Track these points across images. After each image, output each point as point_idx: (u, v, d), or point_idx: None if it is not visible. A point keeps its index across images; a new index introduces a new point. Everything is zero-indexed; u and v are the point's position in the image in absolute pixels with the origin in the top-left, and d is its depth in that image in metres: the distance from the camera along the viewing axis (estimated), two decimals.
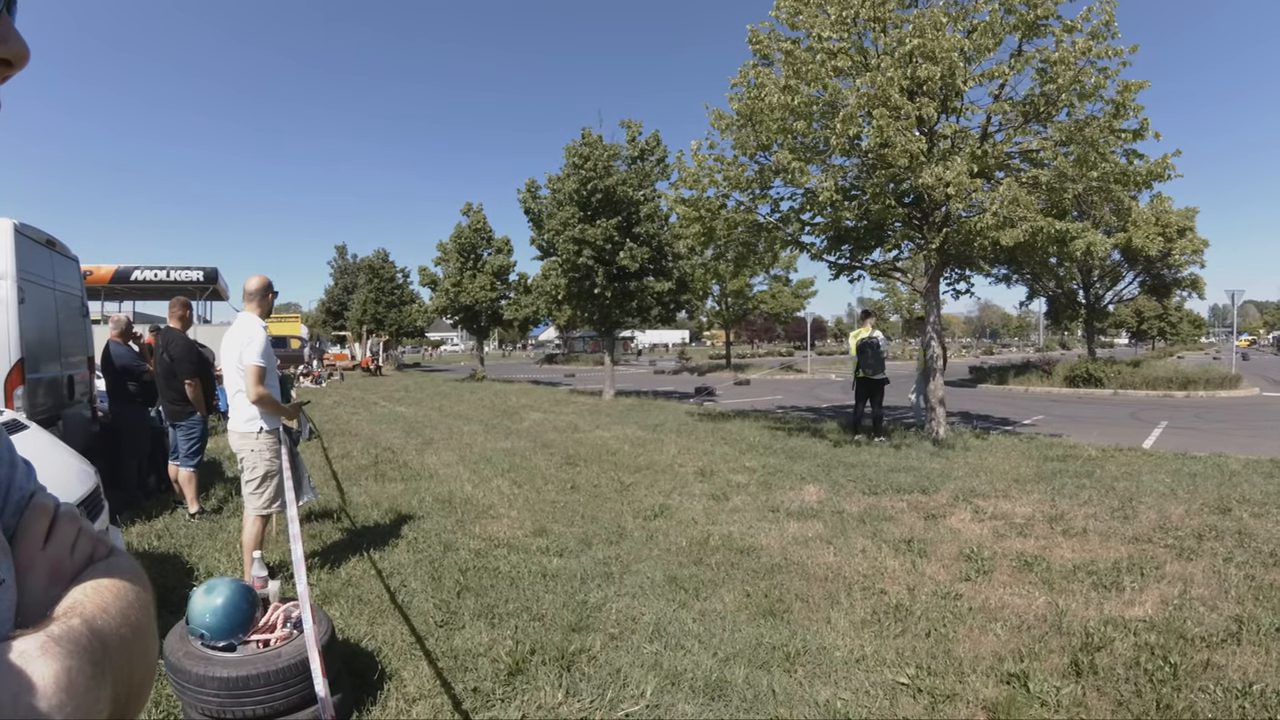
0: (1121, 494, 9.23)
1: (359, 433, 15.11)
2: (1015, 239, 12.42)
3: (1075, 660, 4.59)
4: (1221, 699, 4.14)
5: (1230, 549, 6.96)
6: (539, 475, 10.39)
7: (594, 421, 16.77)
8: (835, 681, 4.30)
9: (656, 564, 6.35)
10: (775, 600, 5.52)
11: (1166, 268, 36.15)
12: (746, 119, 13.82)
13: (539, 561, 6.40)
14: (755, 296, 54.21)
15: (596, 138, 23.91)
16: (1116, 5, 12.38)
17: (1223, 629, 5.08)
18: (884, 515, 8.14)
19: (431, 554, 6.61)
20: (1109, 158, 12.69)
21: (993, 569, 6.35)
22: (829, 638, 4.88)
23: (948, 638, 4.93)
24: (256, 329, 5.65)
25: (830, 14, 13.06)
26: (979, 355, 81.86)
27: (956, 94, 12.99)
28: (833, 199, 13.20)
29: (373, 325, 50.07)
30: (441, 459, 11.88)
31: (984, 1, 12.79)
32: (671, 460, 11.58)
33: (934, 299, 14.81)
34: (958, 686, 4.28)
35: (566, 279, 24.11)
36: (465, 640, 4.76)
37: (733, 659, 4.54)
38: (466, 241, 36.84)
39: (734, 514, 8.23)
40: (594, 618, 5.15)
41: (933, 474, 10.44)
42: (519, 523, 7.81)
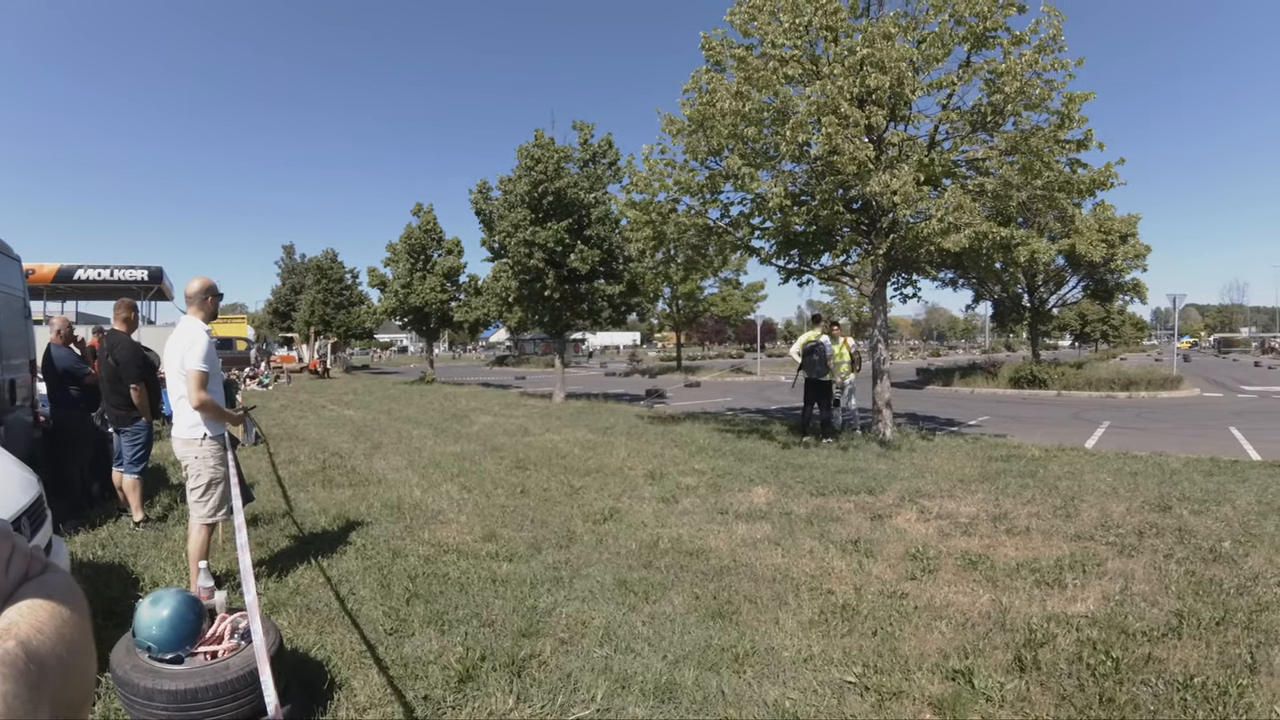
0: (1064, 493, 9.41)
1: (306, 437, 14.92)
2: (960, 245, 12.61)
3: (1019, 656, 4.67)
4: (1163, 691, 4.24)
5: (1171, 546, 7.13)
6: (488, 479, 10.33)
7: (544, 424, 16.72)
8: (783, 681, 4.34)
9: (606, 568, 6.35)
10: (724, 602, 5.55)
11: (1109, 273, 36.89)
12: (698, 124, 13.89)
13: (488, 567, 6.37)
14: (706, 299, 54.48)
15: (549, 140, 23.83)
16: (1064, 20, 12.66)
17: (1163, 623, 5.21)
18: (831, 516, 8.23)
19: (380, 561, 6.55)
20: (1053, 167, 12.96)
21: (938, 568, 6.45)
22: (777, 638, 4.92)
23: (894, 636, 4.99)
24: (199, 333, 5.54)
25: (783, 22, 13.22)
26: (926, 357, 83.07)
27: (905, 103, 13.19)
28: (782, 204, 13.32)
29: (321, 327, 49.34)
30: (390, 464, 11.77)
31: (934, 13, 13.01)
32: (621, 463, 11.59)
33: (881, 303, 15.00)
34: (904, 684, 4.34)
35: (517, 281, 23.98)
36: (415, 648, 4.73)
37: (682, 661, 4.56)
38: (416, 242, 36.50)
39: (683, 516, 8.26)
40: (544, 622, 5.14)
41: (879, 475, 10.55)
42: (468, 528, 7.77)
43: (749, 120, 13.05)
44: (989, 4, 12.50)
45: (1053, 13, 12.60)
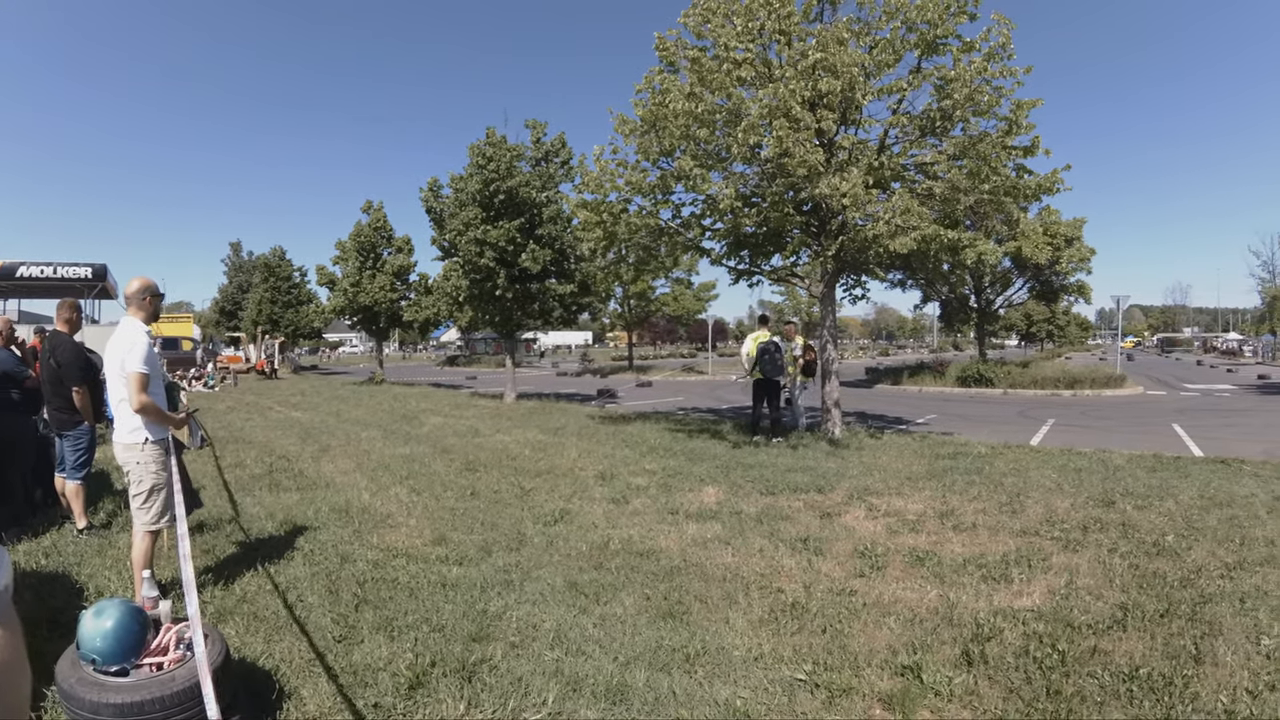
0: (1010, 489, 9.56)
1: (253, 440, 14.69)
2: (907, 247, 12.74)
3: (966, 651, 4.73)
4: (1109, 683, 4.32)
5: (1115, 540, 7.28)
6: (438, 482, 10.24)
7: (495, 425, 16.63)
8: (734, 680, 4.36)
9: (557, 570, 6.32)
10: (675, 602, 5.56)
11: (1055, 274, 37.55)
12: (650, 125, 13.90)
13: (438, 571, 6.31)
14: (658, 299, 54.44)
15: (501, 138, 23.62)
16: (1014, 28, 12.87)
17: (1108, 616, 5.31)
18: (781, 515, 8.28)
19: (328, 566, 6.45)
20: (1000, 172, 13.16)
21: (886, 565, 6.52)
22: (728, 637, 4.94)
23: (843, 633, 5.04)
24: (139, 334, 5.41)
25: (737, 25, 13.25)
26: (876, 356, 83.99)
27: (856, 107, 13.32)
28: (733, 206, 13.38)
29: (268, 326, 48.57)
30: (338, 466, 11.62)
31: (886, 19, 13.15)
32: (572, 464, 11.56)
33: (830, 304, 15.13)
34: (854, 680, 4.38)
35: (468, 280, 23.74)
36: (365, 655, 4.67)
37: (633, 662, 4.56)
38: (366, 240, 35.94)
39: (634, 517, 8.26)
40: (494, 626, 5.11)
41: (828, 473, 10.64)
42: (418, 531, 7.69)
43: (701, 121, 13.08)
44: (940, 11, 12.66)
45: (1002, 21, 12.81)
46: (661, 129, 13.66)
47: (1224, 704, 4.09)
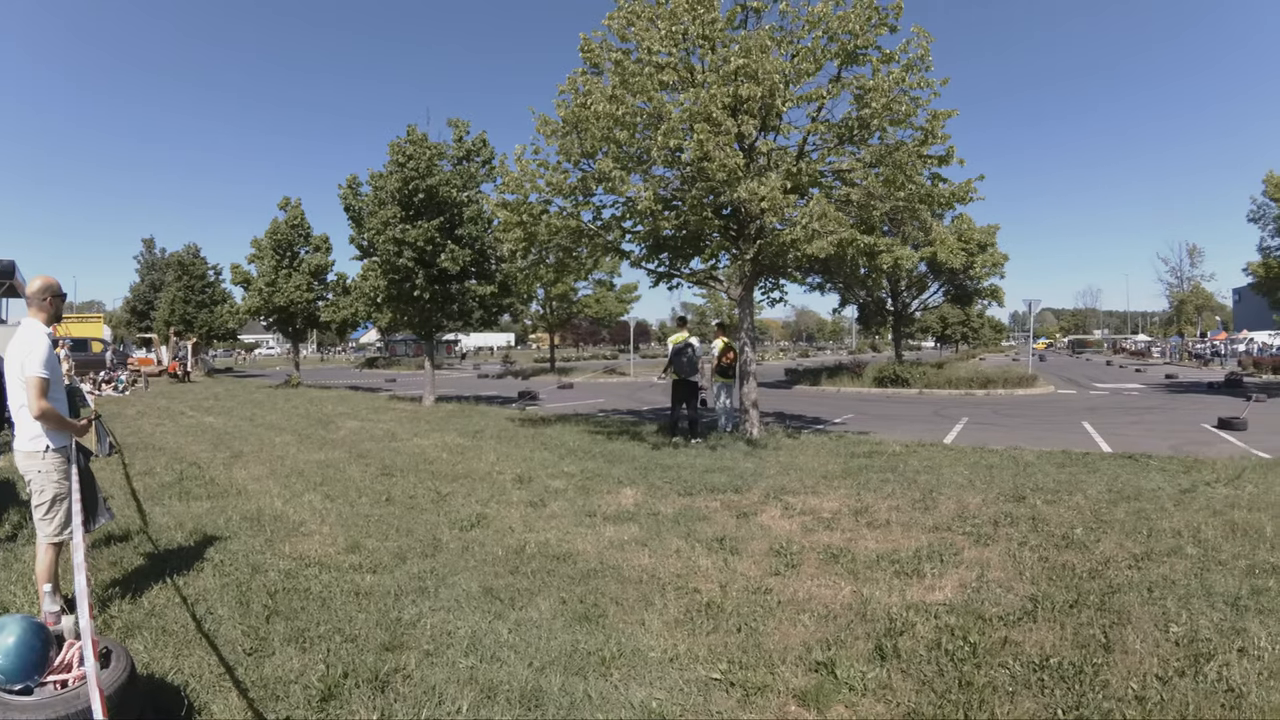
0: (923, 486, 9.74)
1: (163, 446, 14.25)
2: (823, 251, 12.94)
3: (879, 645, 4.80)
4: (1020, 673, 4.42)
5: (1025, 534, 7.46)
6: (353, 488, 10.04)
7: (413, 429, 16.40)
8: (650, 682, 4.35)
9: (472, 575, 6.24)
10: (591, 605, 5.52)
11: (969, 279, 38.43)
12: (572, 126, 13.86)
13: (351, 579, 6.16)
14: (580, 301, 54.29)
15: (422, 135, 23.31)
16: (933, 41, 13.16)
17: (1019, 608, 5.43)
18: (698, 515, 8.31)
19: (239, 577, 6.26)
20: (916, 180, 13.44)
21: (801, 562, 6.58)
22: (643, 639, 4.93)
23: (758, 631, 5.07)
24: (39, 336, 5.19)
25: (661, 29, 13.27)
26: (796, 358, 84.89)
27: (776, 114, 13.45)
28: (652, 208, 13.40)
29: (181, 327, 47.07)
30: (251, 473, 11.32)
31: (808, 28, 13.30)
32: (490, 468, 11.43)
33: (748, 306, 15.24)
34: (768, 678, 4.40)
35: (386, 280, 23.29)
36: (276, 667, 4.54)
37: (549, 667, 4.52)
38: (283, 238, 35.10)
39: (551, 520, 8.20)
40: (408, 635, 5.01)
41: (746, 473, 10.73)
42: (331, 539, 7.51)
43: (622, 124, 13.07)
44: (862, 23, 12.89)
45: (921, 34, 13.09)
46: (583, 130, 13.62)
47: (1134, 690, 4.21)
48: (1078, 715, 3.98)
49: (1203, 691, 4.19)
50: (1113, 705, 4.06)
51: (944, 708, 4.05)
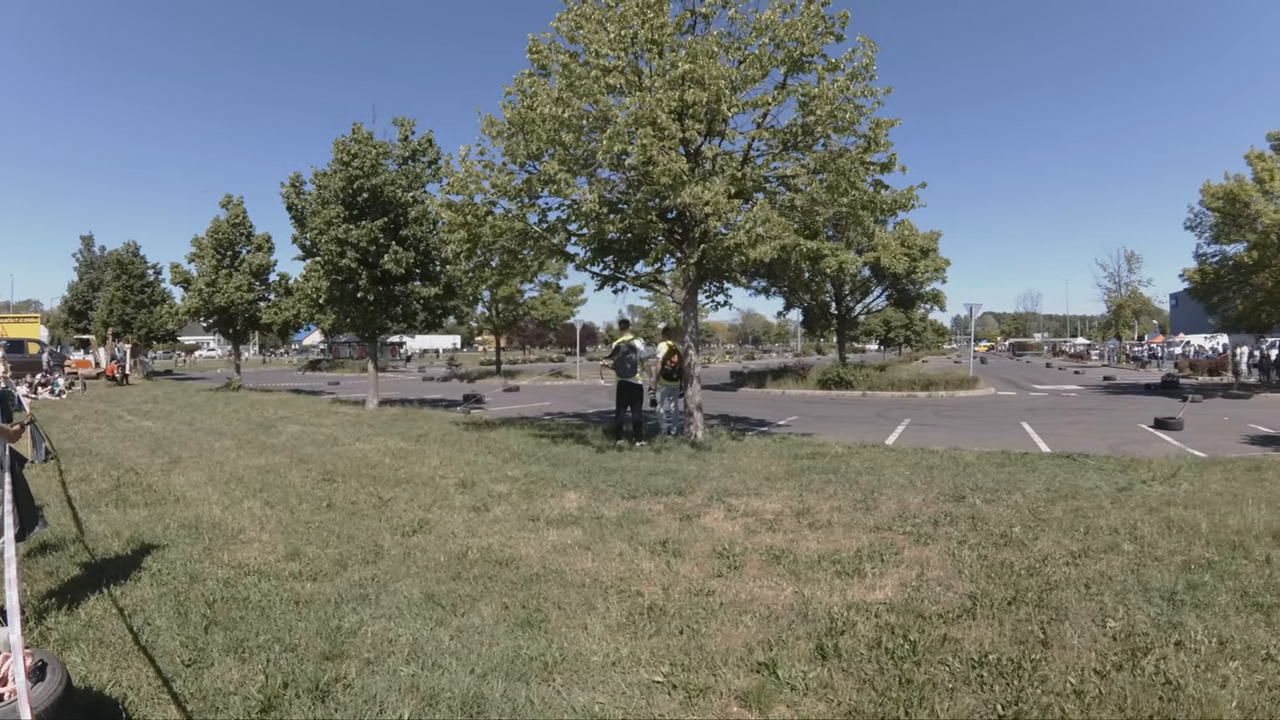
0: (864, 487, 9.83)
1: (100, 452, 13.91)
2: (765, 255, 13.06)
3: (821, 645, 4.83)
4: (960, 670, 4.48)
5: (964, 533, 7.57)
6: (293, 494, 9.85)
7: (355, 433, 16.19)
8: (592, 686, 4.34)
9: (414, 582, 6.16)
10: (533, 610, 5.49)
11: (911, 283, 39.08)
12: (518, 127, 13.81)
13: (291, 588, 6.05)
14: (526, 303, 54.01)
15: (367, 134, 23.07)
16: (878, 50, 13.33)
17: (958, 606, 5.51)
18: (642, 518, 8.30)
19: (177, 586, 6.12)
20: (859, 186, 13.61)
21: (743, 564, 6.61)
22: (586, 643, 4.91)
23: (700, 633, 5.07)
24: None
25: (609, 32, 13.25)
26: (742, 360, 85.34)
27: (722, 119, 13.53)
28: (596, 211, 13.39)
29: (120, 328, 45.84)
30: (189, 479, 11.08)
31: (755, 35, 13.40)
32: (433, 472, 11.31)
33: (692, 310, 15.27)
34: (711, 680, 4.41)
35: (328, 281, 22.91)
36: (215, 679, 4.45)
37: (491, 673, 4.48)
38: (224, 237, 34.10)
39: (494, 525, 8.14)
40: (349, 643, 4.94)
41: (689, 476, 10.76)
42: (270, 547, 7.37)
43: (568, 126, 13.06)
44: (808, 31, 13.03)
45: (867, 43, 13.27)
46: (529, 132, 13.61)
47: (1073, 684, 4.28)
48: (1017, 711, 4.03)
49: (1140, 684, 4.28)
50: (1051, 700, 4.12)
51: (885, 705, 4.09)
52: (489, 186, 14.54)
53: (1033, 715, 3.99)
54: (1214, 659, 4.60)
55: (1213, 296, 32.98)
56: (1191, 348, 57.20)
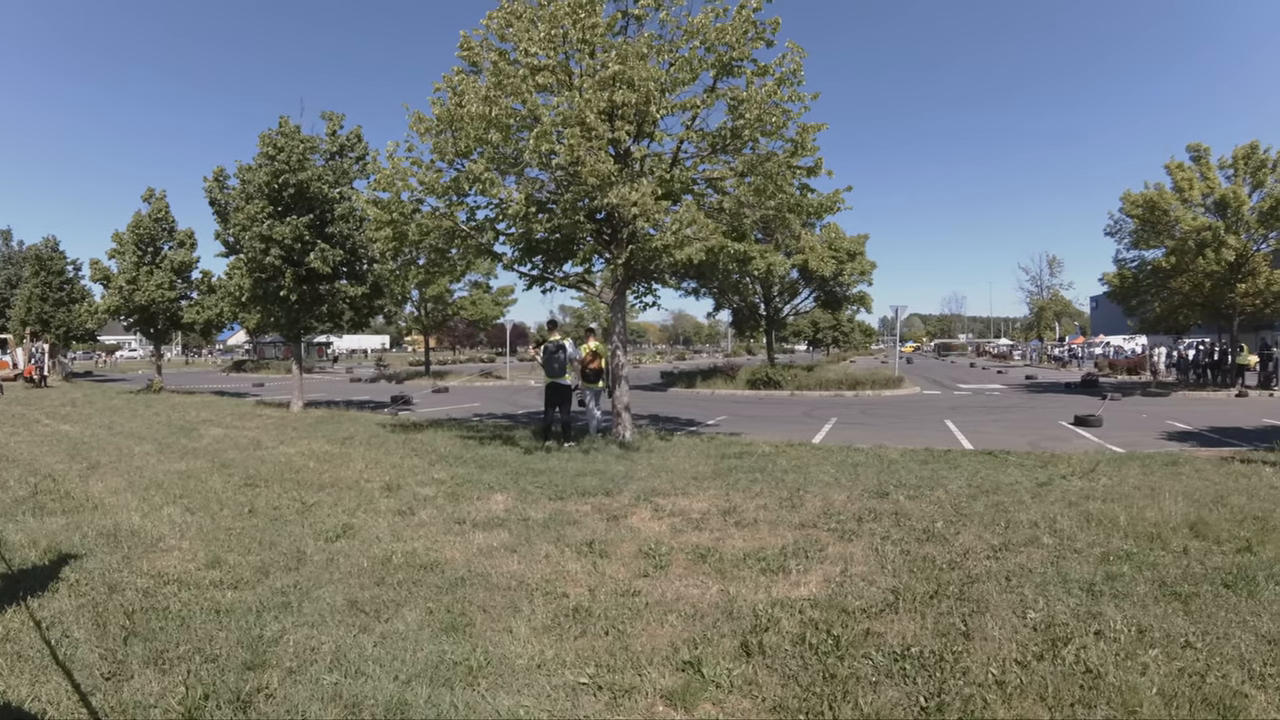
0: (790, 485, 9.94)
1: (17, 458, 13.42)
2: (691, 256, 13.13)
3: (745, 642, 4.87)
4: (883, 663, 4.54)
5: (888, 529, 7.71)
6: (215, 499, 9.59)
7: (279, 436, 15.87)
8: (517, 690, 4.31)
9: (337, 588, 6.05)
10: (458, 615, 5.44)
11: (839, 285, 39.68)
12: (447, 124, 13.69)
13: (212, 596, 5.90)
14: (455, 302, 53.51)
15: (295, 127, 22.54)
16: (805, 56, 13.47)
17: (881, 600, 5.60)
18: (569, 520, 8.28)
19: (96, 597, 5.92)
20: (785, 190, 13.78)
21: (670, 563, 6.63)
22: (511, 647, 4.88)
23: (626, 634, 5.08)
24: None
25: (541, 31, 13.18)
26: (673, 361, 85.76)
27: (651, 121, 13.54)
28: (523, 211, 13.33)
29: (38, 327, 44.24)
30: (108, 485, 10.73)
31: (686, 38, 13.45)
32: (358, 476, 11.12)
33: (620, 310, 15.30)
34: (636, 680, 4.41)
35: (251, 279, 22.37)
36: (135, 691, 4.32)
37: (415, 679, 4.43)
38: (146, 232, 32.88)
39: (420, 529, 8.03)
40: (271, 652, 4.84)
41: (617, 476, 10.76)
42: (191, 554, 7.18)
43: (495, 125, 12.97)
44: (739, 35, 13.16)
45: (796, 49, 13.44)
46: (457, 130, 13.49)
47: (994, 675, 4.38)
48: (939, 702, 4.10)
49: (1061, 674, 4.39)
50: (974, 691, 4.21)
51: (809, 700, 4.14)
52: (416, 184, 14.39)
53: (955, 706, 4.06)
54: (1133, 647, 4.74)
55: (1131, 299, 34.40)
56: (1111, 348, 59.08)
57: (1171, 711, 4.00)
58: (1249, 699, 4.12)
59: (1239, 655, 4.64)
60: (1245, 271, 30.99)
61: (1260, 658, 4.60)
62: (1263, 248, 31.47)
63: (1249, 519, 8.09)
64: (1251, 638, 4.89)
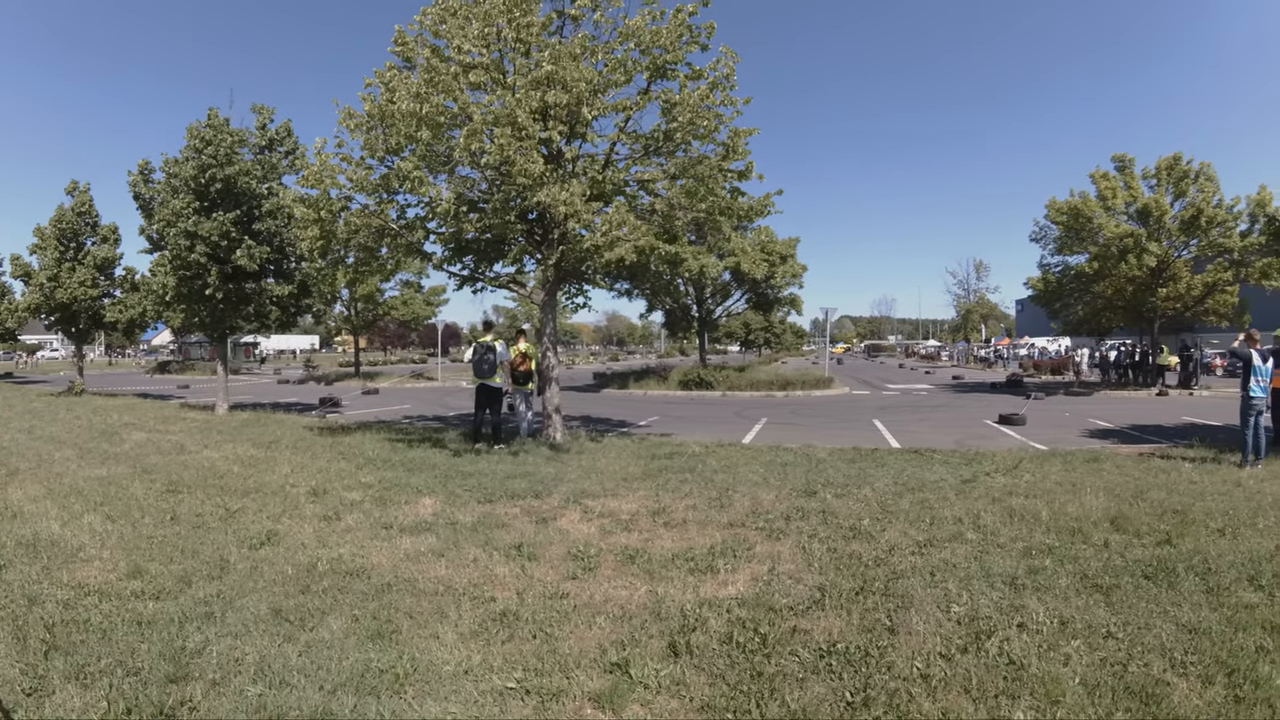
0: (720, 485, 10.04)
1: None
2: (623, 257, 13.14)
3: (673, 643, 4.92)
4: (809, 659, 4.63)
5: (815, 527, 7.86)
6: (136, 506, 9.32)
7: (203, 440, 15.51)
8: (444, 696, 4.30)
9: (261, 597, 5.94)
10: (384, 621, 5.38)
11: (770, 288, 40.06)
12: (377, 120, 13.52)
13: (134, 607, 5.75)
14: (386, 302, 52.67)
15: (224, 120, 21.88)
16: (739, 61, 13.63)
17: (807, 598, 5.71)
18: (497, 523, 8.26)
19: (14, 610, 5.72)
20: (717, 193, 13.86)
21: (598, 565, 6.66)
22: (438, 653, 4.85)
23: (554, 637, 5.09)
24: None
25: (475, 28, 13.08)
26: (606, 362, 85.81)
27: (584, 122, 13.51)
28: (453, 210, 13.23)
29: None
30: (27, 493, 10.35)
31: (621, 40, 13.45)
32: (284, 480, 10.89)
33: (551, 311, 15.27)
34: (564, 683, 4.42)
35: (176, 277, 21.61)
36: (56, 707, 4.20)
37: (340, 689, 4.38)
38: (69, 227, 31.26)
39: (346, 534, 7.92)
40: (194, 664, 4.73)
41: (547, 478, 10.76)
42: (112, 564, 6.97)
43: (426, 123, 12.84)
44: (674, 39, 13.26)
45: (729, 54, 13.59)
46: (389, 126, 13.33)
47: (919, 669, 4.49)
48: (865, 697, 4.19)
49: (985, 665, 4.53)
50: (899, 685, 4.31)
51: (736, 699, 4.19)
52: (345, 181, 14.19)
53: (880, 701, 4.16)
54: (1056, 639, 4.89)
55: (1055, 303, 35.54)
56: (1036, 350, 60.77)
57: (1094, 701, 4.14)
58: (1170, 687, 4.28)
59: (1160, 644, 4.82)
60: (1166, 276, 32.39)
61: (1181, 646, 4.78)
62: (1183, 254, 32.91)
63: (1168, 513, 8.38)
64: (1172, 627, 5.08)
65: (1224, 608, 5.48)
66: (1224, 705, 4.11)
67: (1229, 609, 5.45)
